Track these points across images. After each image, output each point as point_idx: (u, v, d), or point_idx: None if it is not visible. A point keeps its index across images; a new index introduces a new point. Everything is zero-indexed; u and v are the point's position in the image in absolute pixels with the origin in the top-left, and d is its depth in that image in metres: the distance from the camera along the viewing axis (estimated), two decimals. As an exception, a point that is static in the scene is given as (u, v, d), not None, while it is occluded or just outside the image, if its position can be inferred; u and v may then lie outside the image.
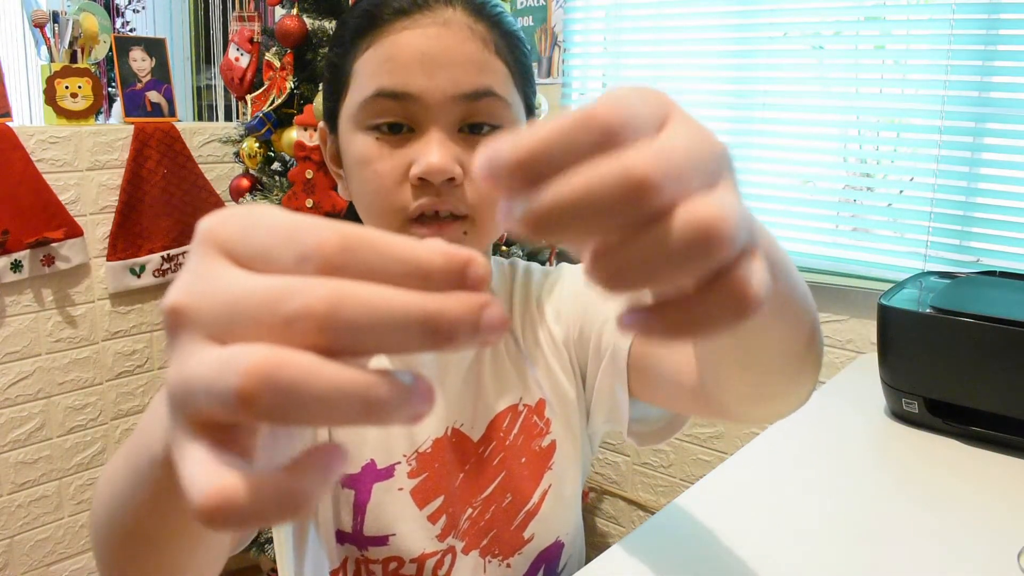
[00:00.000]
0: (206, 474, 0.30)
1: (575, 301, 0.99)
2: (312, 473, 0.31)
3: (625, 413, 0.93)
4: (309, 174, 2.09)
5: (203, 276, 0.33)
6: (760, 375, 0.64)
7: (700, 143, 0.34)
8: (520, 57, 0.88)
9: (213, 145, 2.84)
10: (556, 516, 0.98)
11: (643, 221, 0.32)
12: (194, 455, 0.31)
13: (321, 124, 0.96)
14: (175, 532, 0.52)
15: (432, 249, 0.32)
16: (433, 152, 0.80)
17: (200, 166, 2.80)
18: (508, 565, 0.96)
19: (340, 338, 0.30)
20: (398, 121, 0.82)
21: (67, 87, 2.50)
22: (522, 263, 1.06)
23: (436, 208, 0.82)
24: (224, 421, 0.32)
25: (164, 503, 0.48)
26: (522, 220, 0.32)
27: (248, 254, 0.33)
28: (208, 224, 0.34)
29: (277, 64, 2.19)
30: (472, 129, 0.83)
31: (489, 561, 0.95)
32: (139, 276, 2.67)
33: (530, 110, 0.91)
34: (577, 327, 0.98)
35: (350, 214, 1.00)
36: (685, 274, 0.33)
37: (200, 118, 3.63)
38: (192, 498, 0.30)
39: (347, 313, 0.30)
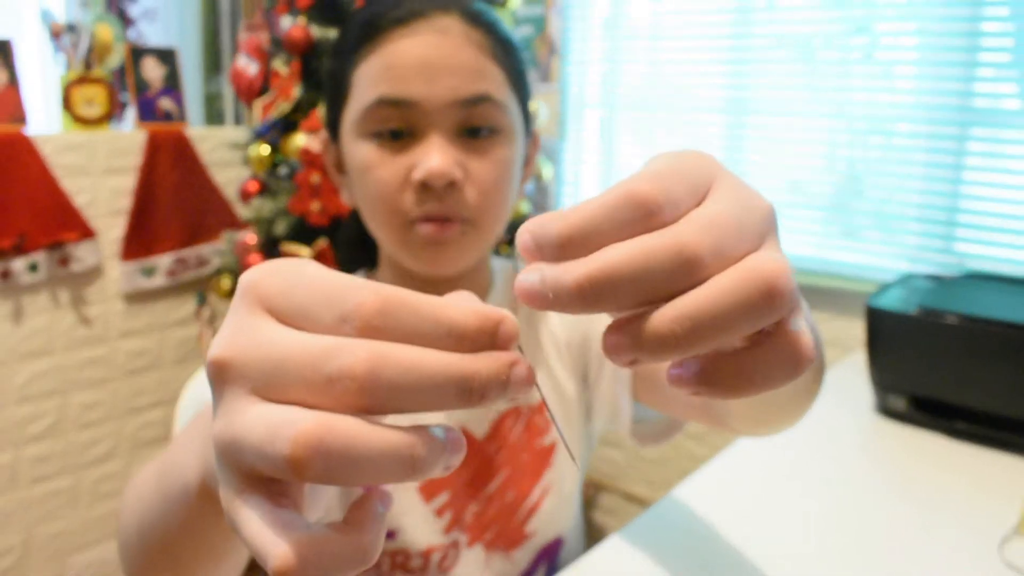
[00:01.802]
0: (275, 536, 0.31)
1: None
2: (371, 526, 0.33)
3: (628, 416, 0.95)
4: (315, 178, 2.11)
5: (247, 331, 0.34)
6: (769, 408, 0.65)
7: (745, 207, 0.35)
8: (515, 63, 0.90)
9: (222, 150, 2.85)
10: (556, 513, 0.99)
11: (690, 287, 0.33)
12: (253, 511, 0.33)
13: (323, 132, 0.97)
14: (203, 552, 0.53)
15: (466, 311, 0.33)
16: (434, 157, 0.81)
17: (210, 170, 2.82)
18: (510, 559, 0.97)
19: (380, 398, 0.31)
20: (399, 128, 0.83)
21: (83, 95, 2.52)
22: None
23: (439, 214, 0.84)
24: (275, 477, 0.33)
25: (194, 527, 0.50)
26: (571, 287, 0.32)
27: (290, 311, 0.34)
28: (250, 279, 0.36)
29: (284, 72, 2.22)
30: (471, 133, 0.84)
31: (492, 555, 0.97)
32: (151, 277, 2.70)
33: (526, 114, 0.93)
34: (581, 331, 0.99)
35: (353, 219, 1.03)
36: (746, 329, 0.33)
37: (210, 124, 3.63)
38: (266, 560, 0.31)
39: (387, 375, 0.31)
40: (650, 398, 0.92)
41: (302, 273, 0.35)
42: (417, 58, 0.81)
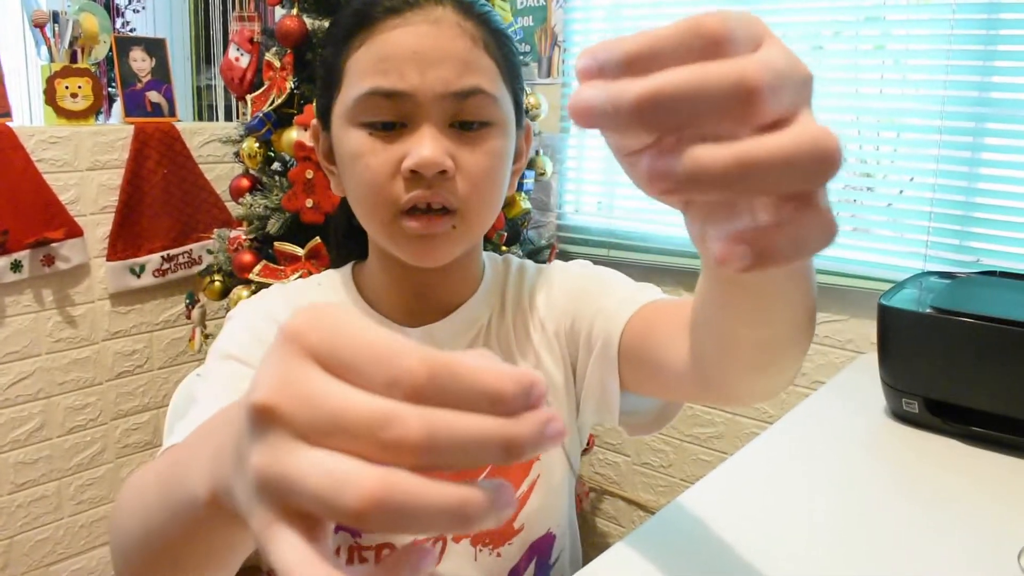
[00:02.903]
0: (309, 570, 0.34)
1: (568, 294, 1.01)
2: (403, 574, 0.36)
3: (615, 404, 0.95)
4: (309, 174, 2.08)
5: (295, 379, 0.36)
6: (766, 341, 0.65)
7: (794, 65, 0.37)
8: (508, 54, 0.90)
9: (213, 145, 2.84)
10: (545, 506, 1.00)
11: (737, 123, 0.36)
12: (289, 543, 0.35)
13: (314, 121, 0.97)
14: (205, 557, 0.55)
15: (503, 378, 0.35)
16: (425, 145, 0.82)
17: (200, 166, 2.80)
18: (499, 554, 0.97)
19: (429, 461, 0.34)
20: (391, 119, 0.84)
21: (67, 87, 2.50)
22: (516, 260, 1.08)
23: (427, 200, 0.84)
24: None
25: (199, 535, 0.52)
26: (631, 100, 0.35)
27: (337, 365, 0.36)
28: (295, 328, 0.37)
29: (277, 64, 2.18)
30: (463, 126, 0.85)
31: (480, 550, 0.97)
32: (139, 276, 2.67)
33: (518, 106, 0.94)
34: (569, 319, 0.99)
35: (343, 211, 1.03)
36: (790, 185, 0.36)
37: (200, 118, 3.63)
38: None
39: (439, 443, 0.33)
40: (636, 380, 0.93)
41: (348, 327, 0.36)
42: (410, 49, 0.83)
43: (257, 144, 2.24)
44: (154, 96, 2.69)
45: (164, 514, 0.54)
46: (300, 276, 2.01)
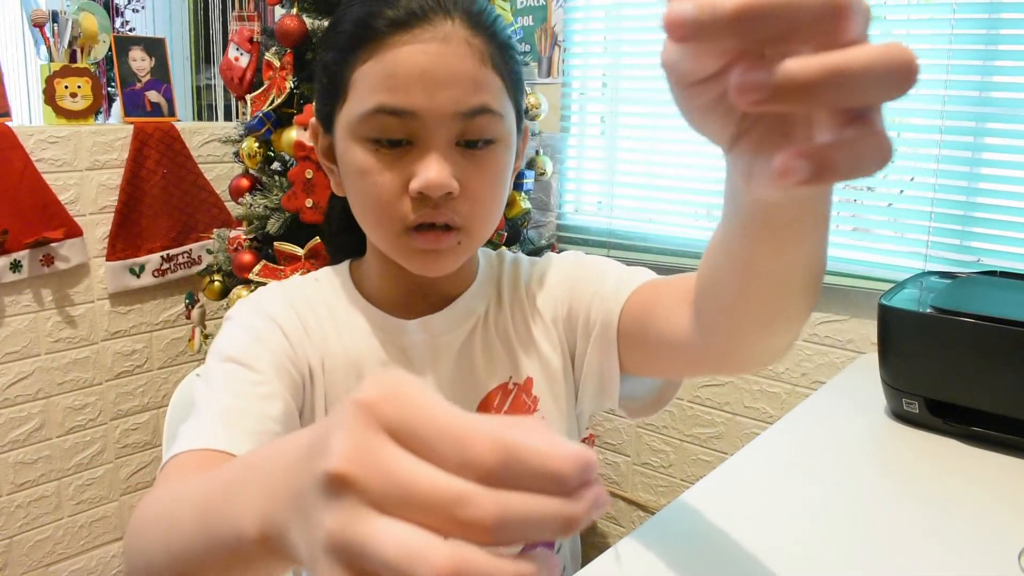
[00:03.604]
0: None
1: (563, 282, 1.03)
2: None
3: (615, 386, 0.96)
4: (309, 174, 2.08)
5: (371, 451, 0.37)
6: (780, 274, 0.65)
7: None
8: (513, 66, 0.91)
9: (213, 145, 2.83)
10: None
11: (821, 43, 0.38)
12: None
13: (313, 120, 0.97)
14: None
15: (563, 459, 0.37)
16: (432, 168, 0.83)
17: (200, 166, 2.80)
18: None
19: (498, 539, 0.35)
20: (398, 137, 0.85)
21: (66, 87, 2.49)
22: (510, 254, 1.09)
23: (433, 220, 0.86)
24: None
25: (238, 568, 0.54)
26: (728, 10, 0.37)
27: (410, 439, 0.37)
28: (368, 400, 0.38)
29: (277, 64, 2.18)
30: (467, 143, 0.86)
31: None
32: (139, 276, 2.67)
33: (519, 114, 0.95)
34: (565, 306, 1.01)
35: (341, 208, 1.04)
36: (874, 96, 0.38)
37: (200, 118, 3.62)
38: None
39: (509, 524, 0.35)
40: (636, 360, 0.94)
41: (422, 404, 0.38)
42: (419, 68, 0.82)
43: (257, 144, 2.24)
44: (153, 96, 2.69)
45: (201, 544, 0.56)
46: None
